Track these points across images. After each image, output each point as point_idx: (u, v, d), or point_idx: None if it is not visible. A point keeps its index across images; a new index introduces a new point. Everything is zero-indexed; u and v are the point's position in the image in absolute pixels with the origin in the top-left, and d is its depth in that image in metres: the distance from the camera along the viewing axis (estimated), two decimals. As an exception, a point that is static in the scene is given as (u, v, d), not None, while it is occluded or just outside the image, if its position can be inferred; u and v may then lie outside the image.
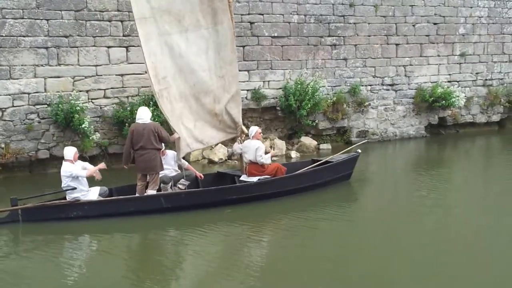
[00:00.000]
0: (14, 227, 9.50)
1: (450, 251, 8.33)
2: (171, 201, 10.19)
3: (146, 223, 9.75)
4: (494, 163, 15.50)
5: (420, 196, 11.62)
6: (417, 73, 18.09)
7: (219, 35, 11.17)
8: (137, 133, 10.26)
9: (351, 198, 11.75)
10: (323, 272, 7.58)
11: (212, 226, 9.66)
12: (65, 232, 9.34)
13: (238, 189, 10.85)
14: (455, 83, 18.71)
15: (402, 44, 17.78)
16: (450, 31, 18.54)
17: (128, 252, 8.88)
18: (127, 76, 14.00)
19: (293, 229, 9.54)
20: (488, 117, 19.49)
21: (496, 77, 19.55)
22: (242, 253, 8.63)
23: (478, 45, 19.14)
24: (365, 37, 17.18)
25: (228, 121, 11.56)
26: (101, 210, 9.87)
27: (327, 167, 11.77)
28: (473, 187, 12.63)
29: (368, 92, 17.35)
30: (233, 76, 11.47)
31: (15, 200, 9.65)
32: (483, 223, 9.70)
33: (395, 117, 17.87)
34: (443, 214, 10.39)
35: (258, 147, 11.12)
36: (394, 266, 7.78)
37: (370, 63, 17.32)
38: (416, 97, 17.95)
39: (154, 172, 10.38)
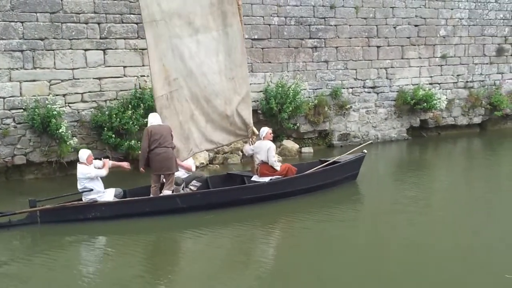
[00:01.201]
0: (33, 228, 9.70)
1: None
2: (186, 201, 10.44)
3: (162, 224, 9.97)
4: (480, 164, 15.65)
5: (421, 197, 11.79)
6: (398, 75, 18.25)
7: (229, 38, 11.46)
8: (154, 132, 10.44)
9: (362, 198, 12.13)
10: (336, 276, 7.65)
11: (227, 226, 9.90)
12: (84, 233, 9.58)
13: (251, 189, 11.10)
14: (437, 85, 18.92)
15: (383, 46, 17.93)
16: (431, 33, 18.74)
17: (144, 252, 9.03)
18: (105, 79, 13.91)
19: (305, 231, 9.68)
20: (470, 119, 19.71)
21: (477, 79, 19.79)
22: (255, 253, 8.83)
23: (459, 47, 19.36)
24: (346, 39, 17.29)
25: (239, 123, 11.82)
26: (118, 210, 10.10)
27: (336, 167, 12.07)
28: (473, 189, 12.70)
29: (350, 95, 17.45)
30: (243, 78, 11.77)
31: (33, 201, 9.82)
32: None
33: (376, 119, 17.99)
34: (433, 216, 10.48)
35: (269, 148, 11.39)
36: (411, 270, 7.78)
37: (351, 66, 17.43)
38: (397, 100, 18.11)
39: (170, 172, 10.55)
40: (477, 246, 8.58)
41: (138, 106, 13.67)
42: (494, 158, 16.44)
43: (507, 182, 13.22)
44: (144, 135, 10.68)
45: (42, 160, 13.28)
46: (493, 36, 20.00)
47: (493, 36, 20.00)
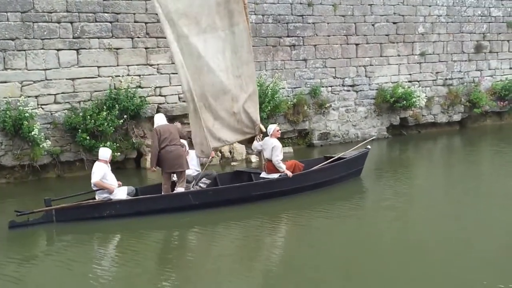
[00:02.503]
0: (49, 227, 9.93)
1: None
2: (199, 198, 10.73)
3: (174, 220, 10.19)
4: (463, 162, 15.81)
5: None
6: (377, 73, 18.32)
7: (236, 36, 11.67)
8: (163, 131, 10.82)
9: (368, 193, 12.36)
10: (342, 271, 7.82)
11: (237, 222, 10.10)
12: (99, 231, 9.83)
13: (261, 186, 11.39)
14: (416, 83, 19.03)
15: (362, 44, 17.98)
16: (410, 31, 18.84)
17: (157, 248, 9.30)
18: (78, 80, 13.76)
19: (314, 227, 9.88)
20: (449, 116, 19.86)
21: (456, 76, 19.95)
22: (263, 248, 9.07)
23: (438, 44, 19.50)
24: (324, 37, 17.31)
25: (246, 121, 12.02)
26: (132, 208, 10.39)
27: (342, 163, 12.39)
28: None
29: (329, 93, 17.48)
30: (249, 76, 12.01)
31: (49, 200, 10.10)
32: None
33: (356, 118, 18.04)
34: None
35: (274, 146, 11.53)
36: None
37: (330, 64, 17.45)
38: (377, 98, 18.18)
39: (182, 169, 10.88)
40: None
41: (113, 107, 13.55)
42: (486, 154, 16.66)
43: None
44: (153, 135, 11.04)
45: (14, 163, 13.08)
46: (472, 33, 20.18)
47: (472, 33, 20.18)
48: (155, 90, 14.72)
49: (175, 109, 15.02)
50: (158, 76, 14.78)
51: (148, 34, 14.59)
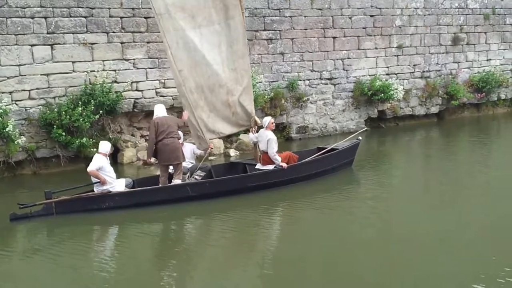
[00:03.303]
0: (49, 219, 10.24)
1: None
2: (196, 190, 11.10)
3: (172, 212, 10.55)
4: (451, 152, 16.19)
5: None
6: (355, 66, 18.51)
7: (231, 30, 12.03)
8: (161, 123, 11.16)
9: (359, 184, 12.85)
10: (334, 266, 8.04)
11: (233, 213, 10.47)
12: (98, 222, 10.22)
13: (257, 177, 11.77)
14: (393, 76, 19.25)
15: (339, 37, 18.16)
16: (387, 23, 19.06)
17: (154, 239, 9.67)
18: (53, 75, 13.79)
19: (309, 217, 10.32)
20: (427, 109, 20.13)
21: (434, 68, 20.21)
22: (258, 239, 9.46)
23: (415, 36, 19.74)
24: (301, 30, 17.46)
25: (241, 113, 12.40)
26: (131, 200, 10.72)
27: (335, 154, 12.81)
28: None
29: (307, 87, 17.64)
30: (245, 69, 12.34)
31: (49, 193, 10.40)
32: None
33: (334, 111, 18.23)
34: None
35: (269, 139, 11.90)
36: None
37: (307, 57, 17.61)
38: (355, 91, 18.39)
39: (179, 161, 11.25)
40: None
41: (88, 103, 13.61)
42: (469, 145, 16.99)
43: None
44: (151, 126, 11.36)
45: (-12, 160, 13.09)
46: (449, 25, 20.45)
47: (449, 25, 20.45)
48: (132, 85, 14.78)
49: (152, 104, 15.02)
50: (134, 71, 14.84)
51: (124, 29, 14.64)
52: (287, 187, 11.73)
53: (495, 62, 21.64)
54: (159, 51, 15.07)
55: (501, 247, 8.28)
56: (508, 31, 21.89)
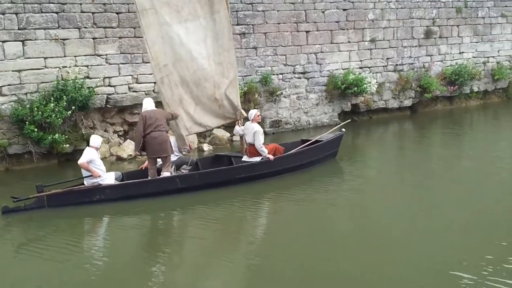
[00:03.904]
0: (41, 212, 10.52)
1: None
2: (185, 182, 11.41)
3: (161, 204, 10.87)
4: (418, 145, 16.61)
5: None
6: (328, 60, 18.82)
7: (216, 24, 12.39)
8: (149, 117, 11.40)
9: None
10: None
11: (219, 205, 10.89)
12: (89, 215, 10.50)
13: (245, 169, 12.08)
14: (367, 69, 19.60)
15: (312, 31, 18.44)
16: (360, 17, 19.38)
17: (144, 231, 10.02)
18: (24, 71, 13.91)
19: (294, 208, 10.70)
20: (400, 102, 20.51)
21: (407, 62, 20.60)
22: (246, 229, 9.91)
23: (388, 30, 20.09)
24: (274, 24, 17.70)
25: (228, 106, 12.77)
26: (121, 193, 11.02)
27: (320, 146, 13.24)
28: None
29: (280, 81, 17.91)
30: (230, 63, 12.73)
31: (41, 186, 10.70)
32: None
33: (308, 105, 18.53)
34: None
35: (255, 131, 12.24)
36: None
37: (280, 51, 17.87)
38: (328, 85, 18.70)
39: (167, 154, 11.53)
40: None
41: (60, 98, 13.75)
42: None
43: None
44: (139, 120, 11.66)
45: (-40, 157, 13.20)
46: (421, 19, 20.84)
47: (421, 19, 20.84)
48: (104, 80, 14.94)
49: (125, 99, 15.28)
50: (106, 66, 15.00)
51: (96, 24, 14.79)
52: (273, 179, 12.10)
53: (468, 55, 22.11)
54: (131, 46, 15.25)
55: (476, 236, 8.69)
56: (480, 24, 22.36)
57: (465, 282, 7.07)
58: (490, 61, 22.75)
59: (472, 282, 7.06)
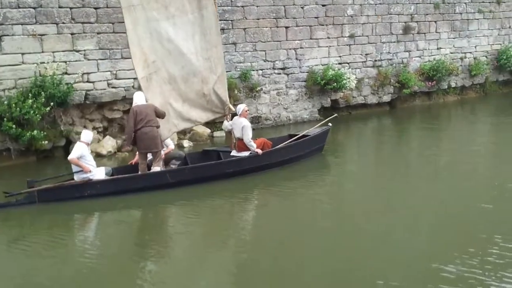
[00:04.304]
0: (32, 207, 10.61)
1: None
2: (176, 177, 11.58)
3: (151, 198, 11.03)
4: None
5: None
6: (308, 56, 18.91)
7: (204, 19, 12.50)
8: (140, 112, 11.47)
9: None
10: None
11: (208, 200, 11.07)
12: (80, 210, 10.59)
13: (234, 163, 12.28)
14: (346, 65, 19.72)
15: (291, 27, 18.53)
16: (339, 13, 19.50)
17: (134, 226, 10.18)
18: (2, 68, 13.83)
19: (284, 200, 10.99)
20: (379, 97, 20.68)
21: (385, 57, 20.77)
22: (234, 224, 10.08)
23: (367, 26, 20.24)
24: (254, 20, 17.75)
25: (216, 101, 12.93)
26: (112, 188, 11.12)
27: (307, 140, 13.47)
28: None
29: (260, 77, 17.97)
30: (218, 58, 12.89)
31: (32, 182, 10.77)
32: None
33: (288, 101, 18.61)
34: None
35: (244, 126, 12.43)
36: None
37: (260, 47, 17.92)
38: (308, 81, 18.80)
39: (157, 149, 11.64)
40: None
41: (39, 95, 13.67)
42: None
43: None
44: (129, 114, 11.74)
45: None
46: (400, 15, 21.03)
47: (400, 15, 21.03)
48: (83, 76, 14.87)
49: (104, 95, 15.22)
50: (85, 62, 14.93)
51: (74, 20, 14.71)
52: (262, 173, 12.30)
53: (445, 51, 22.35)
54: (110, 42, 15.20)
55: (456, 229, 8.92)
56: (458, 20, 22.63)
57: (446, 275, 7.22)
58: (467, 57, 23.03)
59: (453, 276, 7.21)
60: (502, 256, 7.72)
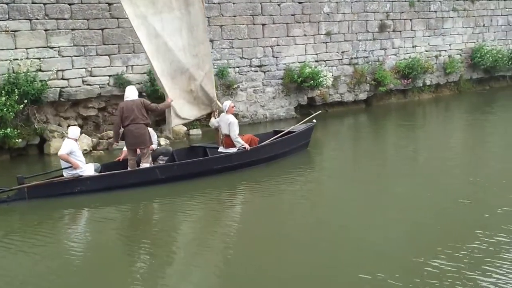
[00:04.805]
0: (22, 204, 10.57)
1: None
2: (165, 173, 11.65)
3: (141, 194, 11.06)
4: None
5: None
6: (284, 53, 18.90)
7: (191, 16, 12.60)
8: (127, 109, 11.48)
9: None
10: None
11: (200, 194, 11.11)
12: (70, 206, 10.55)
13: (222, 159, 12.41)
14: (322, 63, 19.75)
15: (268, 24, 18.50)
16: (315, 10, 19.53)
17: (124, 222, 10.18)
18: (-26, 64, 13.53)
19: (270, 196, 11.07)
20: (356, 95, 20.76)
21: (361, 55, 20.85)
22: (223, 218, 10.12)
23: (343, 23, 20.30)
24: (230, 17, 17.68)
25: (203, 98, 12.98)
26: (102, 184, 11.15)
27: (293, 136, 13.66)
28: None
29: (237, 74, 17.91)
30: (205, 55, 12.98)
31: (21, 178, 10.70)
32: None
33: (264, 99, 18.59)
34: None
35: (230, 123, 12.49)
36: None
37: (237, 44, 17.86)
38: (284, 78, 18.80)
39: (145, 146, 11.66)
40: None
41: (12, 92, 13.47)
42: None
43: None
44: (117, 110, 11.84)
45: None
46: (375, 12, 21.14)
47: (375, 12, 21.14)
48: (57, 73, 14.67)
49: (79, 93, 15.04)
50: (59, 59, 14.73)
51: (48, 16, 14.50)
52: (249, 169, 12.40)
53: (421, 49, 22.54)
54: (85, 38, 15.03)
55: (438, 224, 9.03)
56: (433, 18, 22.83)
57: (430, 269, 7.27)
58: (442, 55, 23.26)
59: (437, 270, 7.27)
60: (483, 250, 7.84)
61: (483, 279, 6.98)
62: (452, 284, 6.87)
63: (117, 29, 15.58)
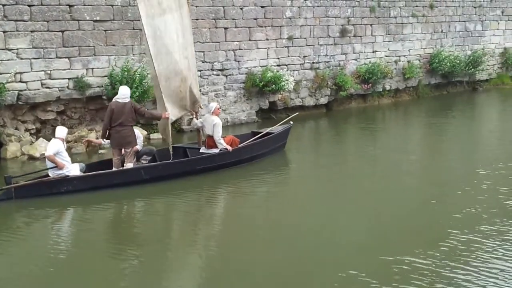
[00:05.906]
0: (8, 203, 10.73)
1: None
2: (149, 173, 12.02)
3: (125, 194, 11.37)
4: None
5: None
6: (246, 57, 18.94)
7: (183, 18, 12.93)
8: (117, 111, 11.72)
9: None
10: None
11: (178, 195, 11.51)
12: (56, 206, 10.73)
13: (206, 159, 12.81)
14: (284, 67, 19.83)
15: (230, 28, 18.50)
16: (278, 15, 19.60)
17: (108, 221, 10.46)
18: None
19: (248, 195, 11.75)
20: (317, 100, 20.92)
21: (323, 60, 21.03)
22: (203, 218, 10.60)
23: (305, 28, 20.42)
24: (193, 20, 17.48)
25: (188, 99, 13.25)
26: (88, 184, 11.40)
27: (272, 137, 14.20)
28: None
29: (198, 78, 17.76)
30: (193, 56, 13.48)
31: (9, 178, 10.88)
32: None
33: (226, 103, 18.58)
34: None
35: (215, 124, 12.83)
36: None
37: (198, 48, 17.79)
38: (246, 82, 18.84)
39: (130, 146, 11.95)
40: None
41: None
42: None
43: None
44: (107, 110, 12.02)
45: None
46: (337, 17, 21.33)
47: (337, 17, 21.33)
48: (15, 76, 14.39)
49: (38, 96, 14.81)
50: (18, 61, 14.48)
51: (6, 17, 14.24)
52: (230, 169, 12.86)
53: (381, 54, 22.83)
54: (44, 40, 14.80)
55: (408, 224, 9.58)
56: (393, 23, 23.15)
57: (405, 267, 7.69)
58: (402, 60, 23.60)
59: (409, 267, 7.67)
60: (454, 248, 8.31)
61: (457, 276, 7.38)
62: (430, 280, 7.26)
63: (78, 31, 15.36)
